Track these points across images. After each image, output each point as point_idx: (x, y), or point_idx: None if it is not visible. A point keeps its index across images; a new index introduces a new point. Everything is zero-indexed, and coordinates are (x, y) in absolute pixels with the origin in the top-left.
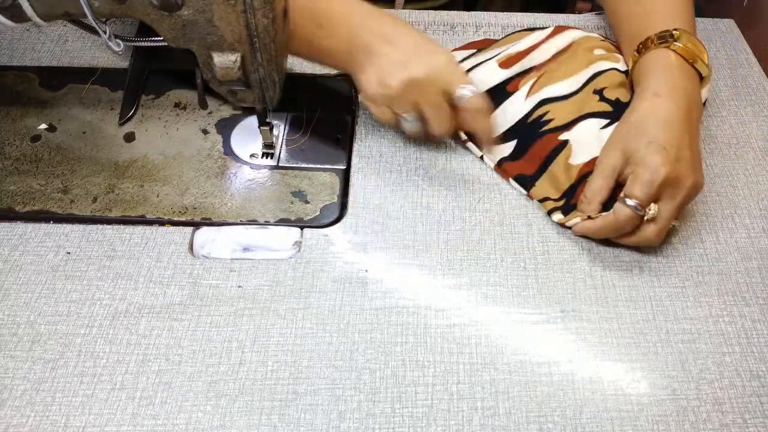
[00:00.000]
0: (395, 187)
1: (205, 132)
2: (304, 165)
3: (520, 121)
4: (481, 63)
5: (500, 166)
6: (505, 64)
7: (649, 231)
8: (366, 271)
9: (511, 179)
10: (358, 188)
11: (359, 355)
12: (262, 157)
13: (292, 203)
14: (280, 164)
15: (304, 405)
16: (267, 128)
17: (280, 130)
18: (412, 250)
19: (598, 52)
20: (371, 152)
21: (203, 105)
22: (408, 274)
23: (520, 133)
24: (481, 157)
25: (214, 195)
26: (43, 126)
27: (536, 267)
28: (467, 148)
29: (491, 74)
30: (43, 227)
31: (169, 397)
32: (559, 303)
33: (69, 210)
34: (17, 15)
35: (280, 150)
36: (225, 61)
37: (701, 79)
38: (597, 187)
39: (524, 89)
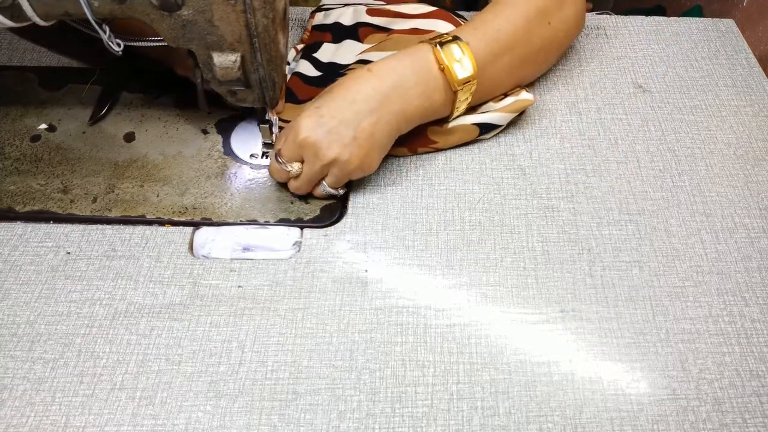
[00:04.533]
0: (395, 187)
1: (205, 132)
2: None
3: (338, 66)
4: (352, 5)
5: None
6: (372, 12)
7: (294, 185)
8: (366, 271)
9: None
10: (358, 188)
11: (359, 355)
12: (262, 157)
13: (292, 203)
14: None
15: (304, 405)
16: (266, 126)
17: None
18: (412, 250)
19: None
20: None
21: (203, 105)
22: (408, 274)
23: (327, 76)
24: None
25: (214, 195)
26: (43, 126)
27: (536, 267)
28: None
29: (356, 16)
30: (43, 227)
31: (169, 397)
32: (559, 303)
33: (69, 210)
34: (17, 15)
35: None
36: (225, 61)
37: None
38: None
39: (366, 46)
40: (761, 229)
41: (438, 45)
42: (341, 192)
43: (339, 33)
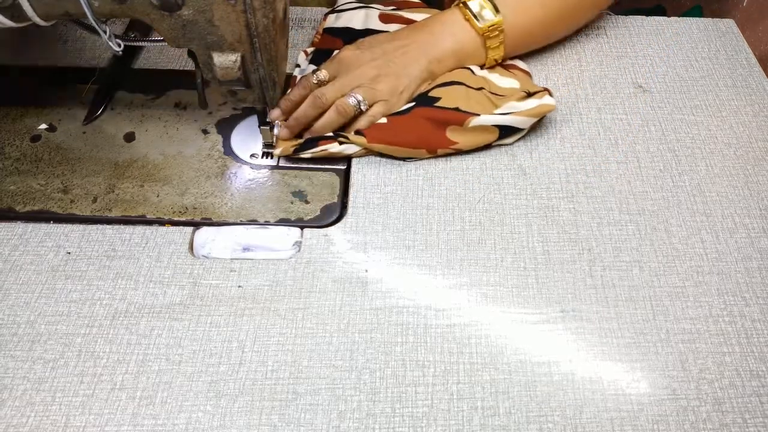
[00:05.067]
0: (395, 187)
1: (205, 132)
2: (304, 165)
3: None
4: (365, 8)
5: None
6: (385, 18)
7: (321, 90)
8: (366, 271)
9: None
10: (358, 188)
11: (359, 355)
12: (262, 157)
13: (292, 203)
14: (280, 164)
15: (304, 405)
16: (267, 128)
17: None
18: (412, 250)
19: None
20: (371, 152)
21: (203, 105)
22: (408, 274)
23: None
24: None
25: (214, 195)
26: (43, 126)
27: (536, 267)
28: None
29: (369, 21)
30: (43, 227)
31: (169, 397)
32: (559, 303)
33: (69, 210)
34: (17, 15)
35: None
36: (225, 61)
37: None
38: None
39: None
40: (761, 229)
41: (462, 3)
42: (365, 106)
43: (350, 41)
